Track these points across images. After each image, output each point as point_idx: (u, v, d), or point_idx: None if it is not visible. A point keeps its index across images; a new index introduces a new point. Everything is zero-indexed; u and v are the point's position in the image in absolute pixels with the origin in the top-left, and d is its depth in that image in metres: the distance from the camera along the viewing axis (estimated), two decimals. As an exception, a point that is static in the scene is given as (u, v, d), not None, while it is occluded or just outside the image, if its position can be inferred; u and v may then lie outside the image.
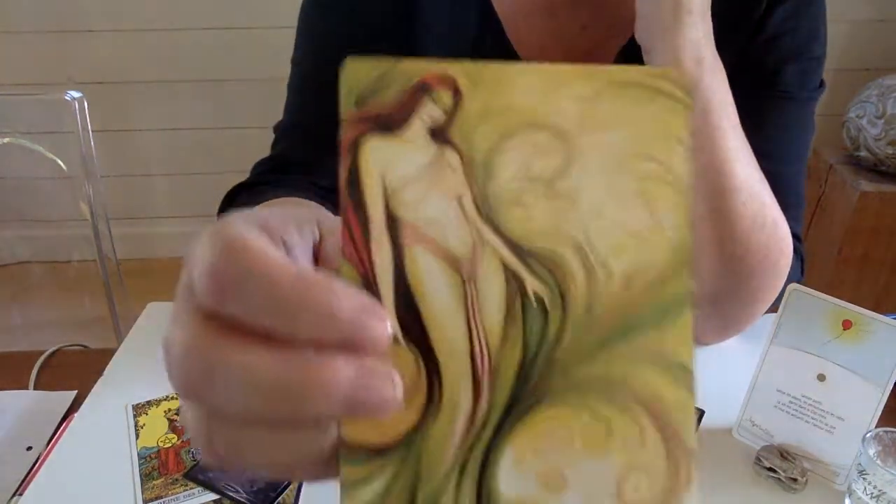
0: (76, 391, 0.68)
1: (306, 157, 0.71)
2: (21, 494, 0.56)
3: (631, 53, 0.66)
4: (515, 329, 0.22)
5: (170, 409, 0.63)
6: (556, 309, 0.22)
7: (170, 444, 0.60)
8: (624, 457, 0.22)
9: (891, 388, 0.54)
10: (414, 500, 0.21)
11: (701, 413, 0.63)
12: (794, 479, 0.56)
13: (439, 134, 0.22)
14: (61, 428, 0.63)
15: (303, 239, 0.24)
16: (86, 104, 1.15)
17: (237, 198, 0.70)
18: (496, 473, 0.22)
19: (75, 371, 0.72)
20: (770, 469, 0.57)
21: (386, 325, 0.20)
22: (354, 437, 0.21)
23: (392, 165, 0.22)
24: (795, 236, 0.68)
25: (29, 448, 0.62)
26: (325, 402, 0.19)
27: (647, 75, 0.23)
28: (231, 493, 0.54)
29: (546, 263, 0.22)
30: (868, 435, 0.53)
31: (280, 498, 0.54)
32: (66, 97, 1.13)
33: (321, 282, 0.20)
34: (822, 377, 0.57)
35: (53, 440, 0.61)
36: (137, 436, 0.61)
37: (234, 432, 0.21)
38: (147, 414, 0.63)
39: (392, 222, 0.22)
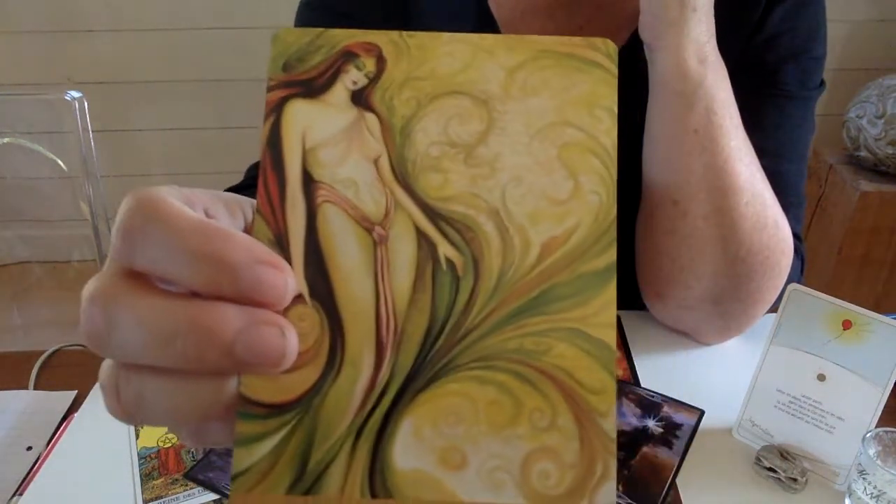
0: (76, 391, 0.68)
1: None
2: (21, 494, 0.56)
3: (630, 54, 0.66)
4: (425, 294, 0.21)
5: (170, 409, 0.63)
6: (468, 276, 0.21)
7: (170, 444, 0.60)
8: (532, 439, 0.20)
9: (891, 388, 0.54)
10: (306, 462, 0.21)
11: (701, 413, 0.63)
12: (794, 479, 0.56)
13: (360, 99, 0.23)
14: (61, 428, 0.63)
15: (234, 219, 0.25)
16: (86, 104, 1.15)
17: None
18: (393, 444, 0.21)
19: (75, 371, 0.72)
20: (770, 469, 0.57)
21: (285, 277, 0.20)
22: (251, 393, 0.21)
23: (312, 126, 0.22)
24: (796, 236, 0.68)
25: (29, 448, 0.62)
26: (213, 350, 0.20)
27: (575, 45, 0.23)
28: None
29: (460, 229, 0.22)
30: (868, 435, 0.53)
31: None
32: (66, 97, 1.13)
33: (220, 232, 0.20)
34: (822, 377, 0.57)
35: (53, 440, 0.61)
36: (137, 436, 0.60)
37: (137, 383, 0.21)
38: (147, 414, 0.63)
39: (308, 181, 0.22)
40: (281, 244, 0.22)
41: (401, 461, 0.21)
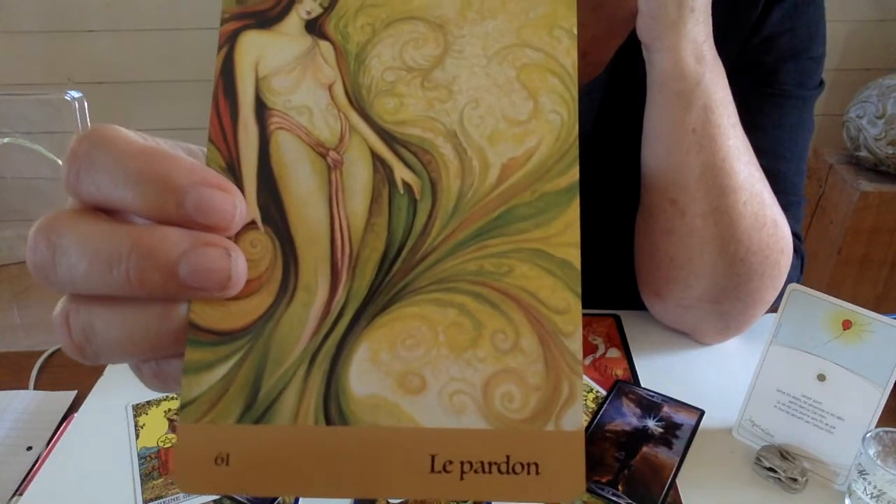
0: (76, 391, 0.68)
1: None
2: (21, 494, 0.56)
3: (629, 52, 0.66)
4: (381, 218, 0.21)
5: (170, 409, 0.63)
6: (426, 199, 0.21)
7: (170, 444, 0.60)
8: (494, 361, 0.20)
9: (891, 388, 0.54)
10: (257, 390, 0.20)
11: (701, 413, 0.63)
12: (794, 479, 0.56)
13: (314, 27, 0.23)
14: (61, 428, 0.63)
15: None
16: (86, 104, 1.15)
17: None
18: (348, 370, 0.20)
19: (75, 371, 0.72)
20: (770, 469, 0.57)
21: (233, 200, 0.20)
22: (200, 320, 0.20)
23: (265, 55, 0.22)
24: (795, 235, 0.68)
25: (29, 448, 0.62)
26: (157, 272, 0.19)
27: None
28: (231, 493, 0.54)
29: (417, 152, 0.22)
30: (868, 435, 0.53)
31: (280, 498, 0.54)
32: (66, 97, 1.13)
33: (165, 154, 0.20)
34: (822, 377, 0.57)
35: (53, 440, 0.61)
36: (137, 436, 0.60)
37: (85, 314, 0.21)
38: (147, 414, 0.63)
39: (260, 108, 0.22)
40: (233, 171, 0.21)
41: (357, 387, 0.20)
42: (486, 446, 0.19)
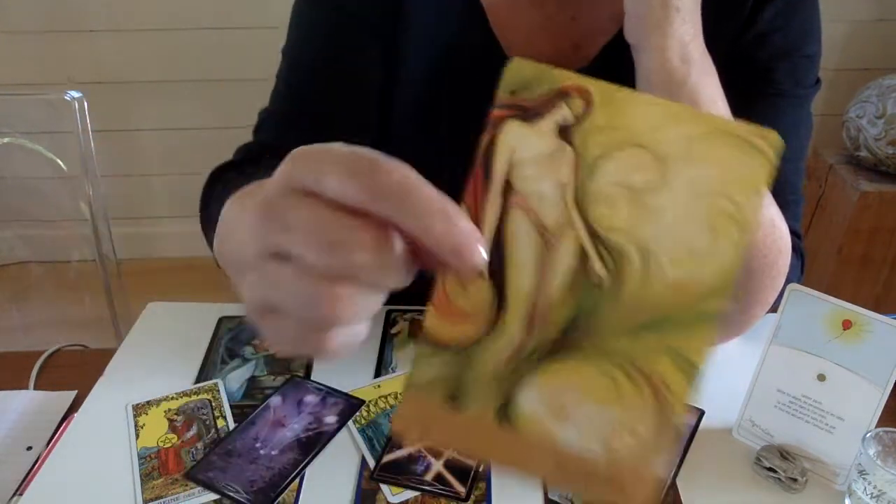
0: (76, 391, 0.68)
1: (281, 142, 0.71)
2: (21, 494, 0.56)
3: (617, 49, 0.66)
4: (572, 297, 0.28)
5: (170, 409, 0.63)
6: (611, 291, 0.27)
7: (170, 444, 0.60)
8: (621, 415, 0.27)
9: (891, 388, 0.54)
10: (458, 388, 0.28)
11: (701, 413, 0.63)
12: (794, 479, 0.56)
13: (564, 132, 0.28)
14: (61, 428, 0.63)
15: None
16: (86, 104, 1.15)
17: (222, 176, 0.71)
18: (521, 392, 0.28)
19: (75, 371, 0.72)
20: (770, 469, 0.57)
21: (481, 254, 0.26)
22: (432, 332, 0.28)
23: (521, 146, 0.28)
24: (795, 233, 0.68)
25: (29, 448, 0.62)
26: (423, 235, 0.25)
27: (748, 131, 0.28)
28: (231, 493, 0.54)
29: (614, 255, 0.27)
30: (868, 435, 0.53)
31: (280, 498, 0.54)
32: (66, 97, 1.13)
33: (447, 204, 0.25)
34: (822, 377, 0.57)
35: (53, 440, 0.61)
36: (137, 436, 0.61)
37: (314, 285, 0.26)
38: (147, 414, 0.63)
39: (507, 188, 0.28)
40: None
41: (523, 405, 0.28)
42: (593, 468, 0.27)
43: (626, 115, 0.28)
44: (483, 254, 0.26)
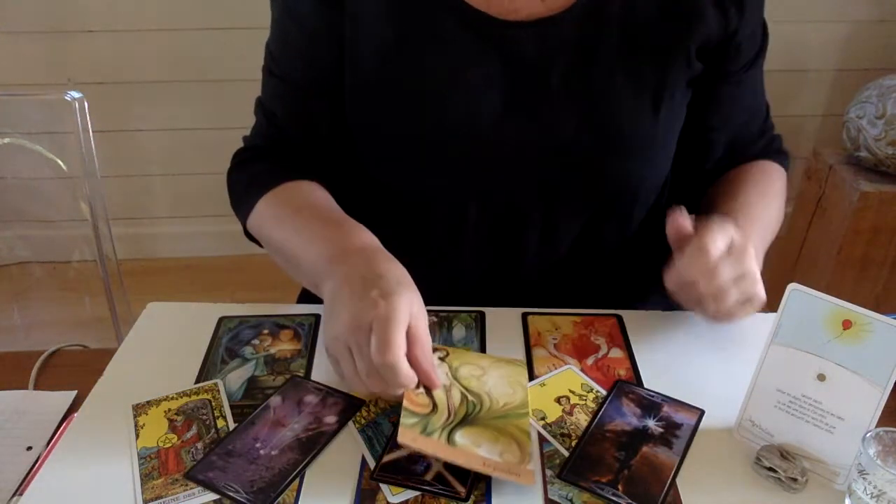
0: (76, 391, 0.68)
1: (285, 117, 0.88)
2: (21, 494, 0.56)
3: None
4: (463, 406, 0.61)
5: (170, 409, 0.63)
6: (479, 405, 0.62)
7: (170, 444, 0.60)
8: (502, 446, 0.58)
9: (891, 388, 0.54)
10: (426, 428, 0.58)
11: (701, 413, 0.63)
12: (794, 479, 0.56)
13: (441, 360, 0.70)
14: (61, 428, 0.63)
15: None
16: (86, 104, 1.15)
17: (247, 166, 0.88)
18: (455, 435, 0.58)
19: (75, 371, 0.72)
20: (770, 469, 0.57)
21: (413, 383, 0.59)
22: (408, 406, 0.59)
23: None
24: (776, 137, 0.91)
25: (29, 448, 0.62)
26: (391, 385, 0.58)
27: (515, 360, 0.70)
28: (231, 493, 0.54)
29: (474, 396, 0.63)
30: (868, 435, 0.53)
31: (280, 498, 0.54)
32: (66, 97, 1.13)
33: (410, 377, 0.59)
34: (822, 377, 0.57)
35: (53, 440, 0.61)
36: (137, 436, 0.61)
37: (365, 383, 0.59)
38: (147, 414, 0.63)
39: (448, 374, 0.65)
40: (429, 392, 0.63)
41: (459, 439, 0.57)
42: (497, 464, 0.57)
43: (465, 356, 0.68)
44: (435, 383, 0.62)
